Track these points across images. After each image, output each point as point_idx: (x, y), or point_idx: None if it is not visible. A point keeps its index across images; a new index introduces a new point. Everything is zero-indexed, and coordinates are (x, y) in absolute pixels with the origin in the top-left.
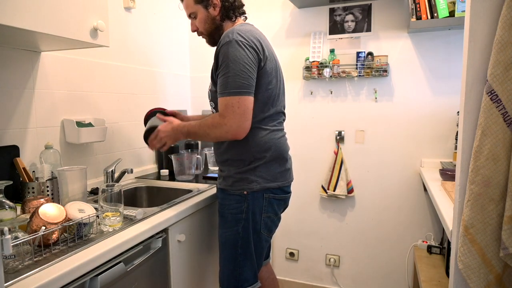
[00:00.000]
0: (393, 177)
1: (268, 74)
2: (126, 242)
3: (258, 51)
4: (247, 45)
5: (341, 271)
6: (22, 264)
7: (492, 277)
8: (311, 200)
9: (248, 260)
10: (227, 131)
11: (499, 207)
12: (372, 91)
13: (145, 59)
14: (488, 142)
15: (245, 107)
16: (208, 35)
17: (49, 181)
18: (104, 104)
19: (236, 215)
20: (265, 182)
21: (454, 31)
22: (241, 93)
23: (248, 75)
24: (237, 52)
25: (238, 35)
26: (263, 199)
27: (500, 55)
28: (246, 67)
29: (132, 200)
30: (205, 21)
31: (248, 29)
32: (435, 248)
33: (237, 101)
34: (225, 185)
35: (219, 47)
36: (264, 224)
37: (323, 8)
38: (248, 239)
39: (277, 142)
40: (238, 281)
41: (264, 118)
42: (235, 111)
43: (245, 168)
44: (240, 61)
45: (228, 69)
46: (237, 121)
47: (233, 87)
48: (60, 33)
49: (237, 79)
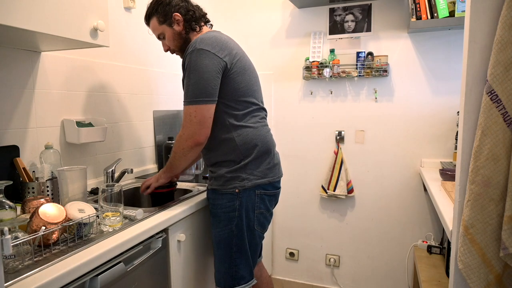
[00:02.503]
0: (393, 177)
1: (240, 73)
2: (126, 242)
3: (222, 56)
4: (208, 52)
5: (341, 271)
6: (22, 264)
7: (492, 277)
8: (311, 200)
9: (243, 257)
10: (186, 139)
11: (499, 207)
12: (372, 91)
13: (145, 59)
14: (488, 142)
15: (202, 116)
16: (179, 51)
17: (49, 181)
18: (104, 104)
19: (229, 214)
20: (256, 178)
21: (454, 31)
22: (198, 101)
23: (207, 83)
24: (198, 60)
25: (201, 43)
26: (255, 195)
27: (500, 55)
28: (205, 75)
29: (132, 200)
30: (173, 39)
31: (211, 36)
32: (435, 248)
33: (194, 110)
34: (216, 185)
35: (185, 56)
36: (257, 220)
37: (323, 8)
38: (242, 237)
39: (263, 138)
40: (234, 279)
41: (246, 116)
42: (192, 120)
43: (235, 167)
44: (199, 69)
45: (189, 79)
46: (193, 129)
47: (190, 96)
48: (60, 33)
49: (196, 88)
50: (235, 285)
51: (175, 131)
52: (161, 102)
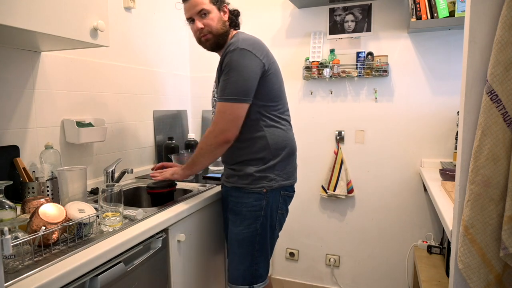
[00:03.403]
0: (393, 177)
1: (274, 76)
2: (126, 242)
3: (262, 58)
4: (250, 53)
5: (341, 271)
6: (22, 264)
7: (492, 277)
8: (311, 200)
9: (263, 256)
10: (216, 135)
11: (499, 207)
12: (372, 91)
13: (145, 59)
14: (488, 142)
15: (235, 114)
16: (215, 36)
17: (49, 181)
18: (104, 104)
19: (255, 213)
20: (282, 180)
21: (454, 31)
22: (235, 100)
23: (246, 83)
24: (240, 60)
25: (243, 43)
26: (279, 196)
27: (500, 55)
28: (245, 75)
29: (132, 200)
30: (218, 21)
31: (250, 37)
32: (435, 248)
33: (229, 108)
34: (242, 183)
35: (225, 53)
36: (278, 220)
37: (323, 8)
38: (266, 236)
39: (291, 140)
40: (253, 277)
41: (278, 117)
42: (225, 117)
43: (264, 167)
44: (241, 69)
45: (228, 76)
46: (225, 126)
47: (228, 94)
48: (60, 33)
49: (234, 87)
50: (254, 283)
51: (175, 131)
52: (161, 102)
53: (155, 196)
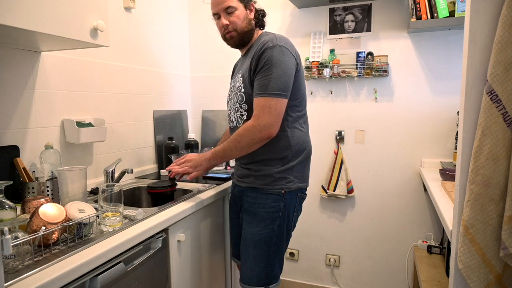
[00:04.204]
0: (393, 177)
1: (302, 77)
2: (126, 242)
3: (295, 57)
4: (287, 51)
5: (341, 271)
6: (22, 264)
7: (492, 277)
8: (311, 200)
9: (278, 257)
10: (260, 130)
11: (499, 207)
12: (372, 91)
13: (145, 59)
14: (488, 142)
15: (280, 109)
16: (240, 33)
17: (49, 181)
18: (104, 104)
19: (273, 214)
20: (299, 182)
21: (454, 31)
22: (280, 95)
23: (287, 79)
24: (280, 57)
25: (280, 41)
26: (296, 198)
27: (500, 55)
28: (287, 72)
29: (132, 200)
30: (244, 19)
31: (284, 37)
32: (435, 248)
33: (275, 103)
34: (260, 184)
35: (262, 50)
36: (293, 222)
37: (323, 8)
38: (282, 237)
39: (309, 143)
40: (268, 277)
41: (300, 118)
42: (271, 111)
43: (283, 168)
44: (282, 65)
45: (270, 72)
46: (272, 121)
47: (273, 89)
48: (60, 33)
49: (279, 82)
50: (269, 284)
51: (175, 131)
52: (161, 102)
53: (155, 196)
